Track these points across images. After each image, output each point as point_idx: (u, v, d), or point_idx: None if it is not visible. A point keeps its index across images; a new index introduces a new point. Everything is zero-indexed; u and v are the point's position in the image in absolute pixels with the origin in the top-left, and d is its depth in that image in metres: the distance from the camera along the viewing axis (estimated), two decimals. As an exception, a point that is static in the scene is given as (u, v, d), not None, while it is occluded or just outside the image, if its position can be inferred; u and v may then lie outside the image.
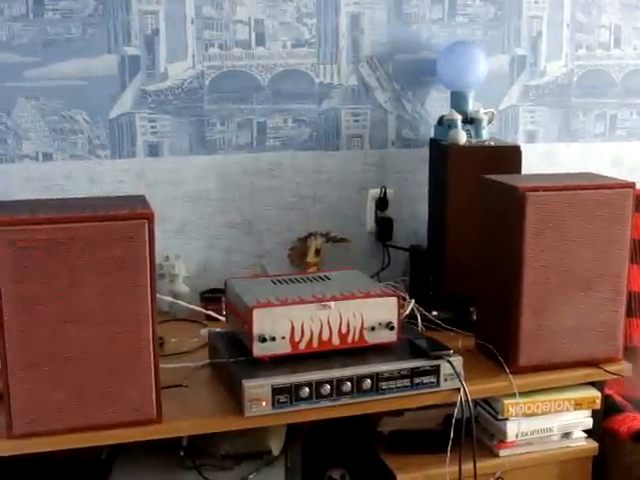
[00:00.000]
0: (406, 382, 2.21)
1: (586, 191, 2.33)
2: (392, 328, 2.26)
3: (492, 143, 2.91)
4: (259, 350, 2.15)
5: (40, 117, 2.79)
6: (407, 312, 2.65)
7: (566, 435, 2.52)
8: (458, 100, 3.02)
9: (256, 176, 3.02)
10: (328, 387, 2.12)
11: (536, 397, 2.42)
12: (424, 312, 2.69)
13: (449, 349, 2.28)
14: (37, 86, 2.76)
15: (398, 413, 2.46)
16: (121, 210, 1.98)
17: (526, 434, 2.44)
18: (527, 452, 2.48)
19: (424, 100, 3.20)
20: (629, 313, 2.57)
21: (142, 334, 1.99)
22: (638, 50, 3.44)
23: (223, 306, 2.65)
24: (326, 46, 3.05)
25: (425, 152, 3.02)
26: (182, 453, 2.28)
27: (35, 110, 2.78)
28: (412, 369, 2.21)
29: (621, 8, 3.38)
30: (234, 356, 2.22)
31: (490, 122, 3.02)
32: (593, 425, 2.52)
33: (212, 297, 2.83)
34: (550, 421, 2.46)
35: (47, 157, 2.82)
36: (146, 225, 1.95)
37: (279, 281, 2.42)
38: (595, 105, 3.43)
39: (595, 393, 2.48)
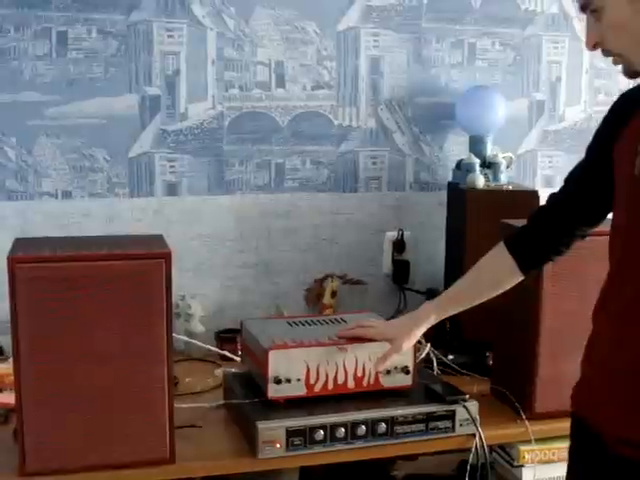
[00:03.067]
0: (421, 427, 2.19)
1: (603, 237, 2.32)
2: (408, 372, 2.25)
3: (510, 187, 2.91)
4: (274, 392, 2.15)
5: (60, 155, 2.81)
6: (423, 356, 2.63)
7: (582, 483, 2.49)
8: (476, 144, 3.03)
9: (273, 217, 3.03)
10: (343, 430, 2.11)
11: (552, 444, 2.39)
12: (440, 356, 2.68)
13: (465, 394, 2.26)
14: (58, 124, 2.79)
15: (413, 457, 2.44)
16: (139, 249, 1.99)
17: (542, 481, 2.42)
18: (543, 500, 2.45)
19: (442, 143, 3.21)
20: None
21: (157, 373, 1.99)
22: (657, 97, 3.44)
23: (238, 346, 2.65)
24: (345, 89, 3.06)
25: (443, 195, 3.02)
26: (195, 494, 2.27)
27: (56, 148, 2.80)
28: (427, 414, 2.20)
29: (640, 55, 3.38)
30: (249, 397, 2.21)
31: (508, 166, 3.03)
32: (610, 473, 2.49)
33: (228, 337, 2.82)
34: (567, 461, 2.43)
35: (66, 195, 2.83)
36: (163, 265, 1.95)
37: (295, 323, 2.41)
38: (613, 151, 3.43)
39: (612, 441, 2.45)
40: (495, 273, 2.09)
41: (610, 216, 1.84)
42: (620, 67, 1.70)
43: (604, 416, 1.71)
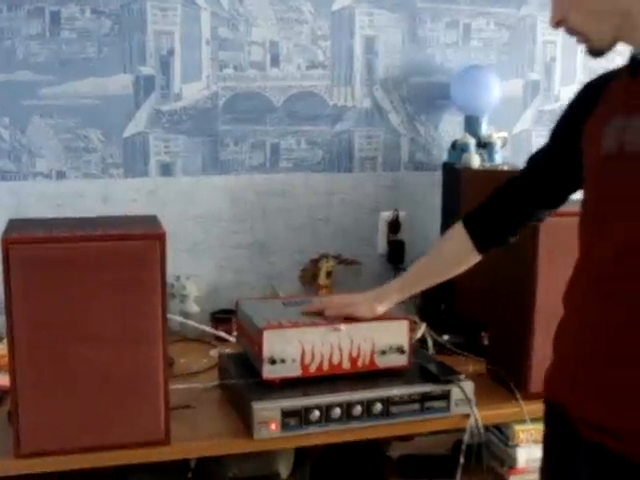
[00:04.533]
0: (416, 407, 2.19)
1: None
2: (403, 352, 2.25)
3: (505, 167, 2.90)
4: (269, 372, 2.14)
5: (54, 135, 2.80)
6: (418, 336, 2.64)
7: (577, 462, 2.49)
8: (471, 124, 3.03)
9: (268, 197, 3.02)
10: (338, 410, 2.11)
11: (547, 424, 2.40)
12: (435, 336, 2.68)
13: (460, 374, 2.27)
14: (52, 104, 2.78)
15: (408, 438, 2.45)
16: (133, 230, 1.98)
17: (537, 461, 2.41)
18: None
19: (437, 123, 3.20)
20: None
21: (152, 354, 1.98)
22: (653, 76, 3.43)
23: (233, 327, 2.65)
24: (340, 68, 3.05)
25: (438, 175, 3.02)
26: (190, 475, 2.27)
27: (49, 128, 2.79)
28: (423, 394, 2.20)
29: (636, 34, 3.37)
30: (244, 378, 2.21)
31: (503, 146, 3.02)
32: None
33: (223, 318, 2.82)
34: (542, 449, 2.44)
35: (60, 175, 2.83)
36: (158, 245, 1.94)
37: (290, 303, 2.41)
38: (609, 131, 3.42)
39: (606, 421, 2.46)
40: (453, 253, 2.14)
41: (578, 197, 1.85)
42: (584, 46, 1.71)
43: (578, 402, 1.70)
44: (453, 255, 2.14)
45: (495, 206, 2.07)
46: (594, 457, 1.67)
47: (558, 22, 1.70)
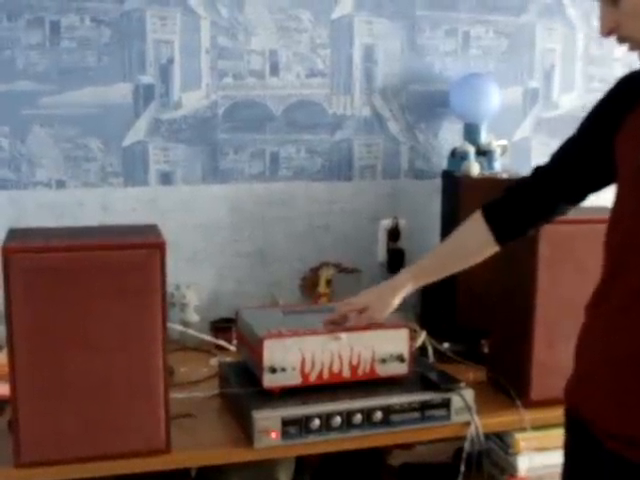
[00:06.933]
0: (417, 415, 2.19)
1: (599, 224, 2.32)
2: (403, 360, 2.25)
3: (505, 175, 2.90)
4: (269, 381, 2.14)
5: (54, 144, 2.80)
6: (418, 344, 2.63)
7: (578, 470, 2.49)
8: (471, 132, 3.03)
9: (268, 206, 3.02)
10: (338, 419, 2.11)
11: (548, 431, 2.39)
12: (435, 344, 2.68)
13: (460, 382, 2.27)
14: (52, 114, 2.78)
15: (408, 446, 2.44)
16: (133, 239, 1.98)
17: (538, 469, 2.42)
18: (538, 487, 2.46)
19: (437, 131, 3.20)
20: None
21: (152, 363, 1.98)
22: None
23: (234, 335, 2.64)
24: (340, 77, 3.06)
25: (437, 183, 3.02)
26: (191, 484, 2.27)
27: (49, 137, 2.79)
28: (423, 402, 2.20)
29: (635, 42, 3.37)
30: (244, 387, 2.21)
31: (503, 154, 3.02)
32: (605, 461, 2.49)
33: (223, 326, 2.82)
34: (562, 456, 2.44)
35: (60, 184, 2.83)
36: (158, 254, 1.95)
37: (290, 312, 2.41)
38: (608, 138, 3.42)
39: (607, 428, 2.45)
40: (471, 243, 2.09)
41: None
42: (637, 54, 1.64)
43: (596, 410, 1.70)
44: (470, 246, 2.08)
45: (518, 196, 2.00)
46: (614, 464, 1.66)
47: (610, 31, 1.63)
